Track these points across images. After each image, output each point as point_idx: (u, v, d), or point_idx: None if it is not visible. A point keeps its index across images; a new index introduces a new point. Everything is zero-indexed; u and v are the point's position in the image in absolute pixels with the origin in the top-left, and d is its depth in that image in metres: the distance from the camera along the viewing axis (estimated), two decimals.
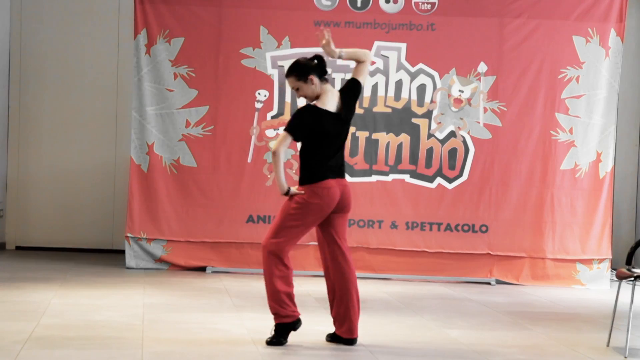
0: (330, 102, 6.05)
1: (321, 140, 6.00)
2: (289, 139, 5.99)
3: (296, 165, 6.88)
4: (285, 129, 6.01)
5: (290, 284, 6.01)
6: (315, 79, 6.03)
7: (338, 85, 9.12)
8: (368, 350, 5.98)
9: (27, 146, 10.50)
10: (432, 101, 9.45)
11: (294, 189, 6.02)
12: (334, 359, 5.79)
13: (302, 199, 5.97)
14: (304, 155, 6.07)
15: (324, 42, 6.08)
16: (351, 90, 6.15)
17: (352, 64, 6.37)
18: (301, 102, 9.28)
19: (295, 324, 6.04)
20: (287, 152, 8.84)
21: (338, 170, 6.08)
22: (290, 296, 6.00)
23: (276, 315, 6.00)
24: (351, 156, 9.38)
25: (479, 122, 9.44)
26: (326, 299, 6.24)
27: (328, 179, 5.98)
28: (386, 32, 9.42)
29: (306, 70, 6.02)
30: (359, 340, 6.15)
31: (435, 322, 7.12)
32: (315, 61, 6.07)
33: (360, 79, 6.17)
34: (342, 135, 6.10)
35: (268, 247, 5.96)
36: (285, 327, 6.01)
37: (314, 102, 6.08)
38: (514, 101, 9.45)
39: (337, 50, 6.07)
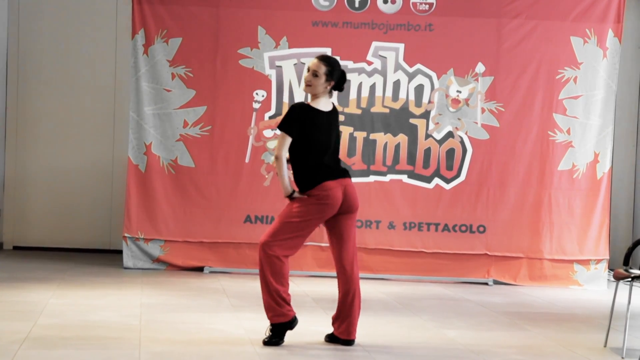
0: (323, 104, 6.07)
1: (311, 138, 5.98)
2: (287, 138, 5.98)
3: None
4: (279, 127, 6.01)
5: (285, 284, 5.99)
6: (331, 85, 6.06)
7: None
8: (365, 351, 5.98)
9: (24, 146, 10.49)
10: (429, 101, 9.45)
11: (298, 193, 6.02)
12: (331, 359, 5.79)
13: (304, 202, 5.97)
14: (296, 161, 6.04)
15: None
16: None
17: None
18: (298, 97, 9.29)
19: (291, 323, 6.03)
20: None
21: (337, 170, 6.07)
22: (286, 295, 5.99)
23: (271, 314, 5.99)
24: (349, 156, 9.38)
25: (476, 123, 9.44)
26: (325, 300, 6.24)
27: (326, 181, 5.96)
28: (384, 33, 9.41)
29: (336, 74, 6.06)
30: (357, 340, 6.15)
31: (432, 323, 7.12)
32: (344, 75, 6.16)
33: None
34: (332, 134, 6.09)
35: (265, 246, 5.96)
36: (281, 326, 6.00)
37: (307, 102, 6.10)
38: (512, 102, 9.45)
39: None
